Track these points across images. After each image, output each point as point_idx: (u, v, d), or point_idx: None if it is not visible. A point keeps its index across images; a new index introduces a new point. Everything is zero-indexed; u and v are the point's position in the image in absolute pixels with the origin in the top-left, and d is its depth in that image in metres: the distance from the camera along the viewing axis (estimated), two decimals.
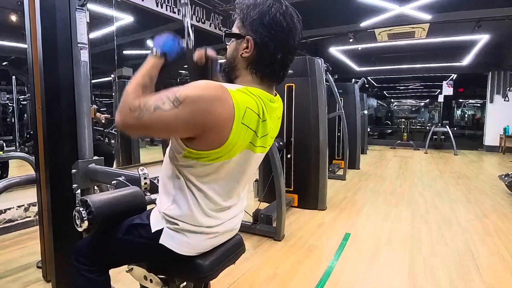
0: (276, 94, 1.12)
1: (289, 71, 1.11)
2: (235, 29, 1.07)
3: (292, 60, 1.08)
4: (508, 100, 9.51)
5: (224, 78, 1.11)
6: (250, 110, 0.96)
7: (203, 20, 5.24)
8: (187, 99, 0.89)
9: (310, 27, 6.83)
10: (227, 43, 1.10)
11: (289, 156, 3.86)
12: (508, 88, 9.50)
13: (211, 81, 0.97)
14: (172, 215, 1.08)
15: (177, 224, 1.08)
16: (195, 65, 1.14)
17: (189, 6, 1.39)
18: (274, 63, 1.03)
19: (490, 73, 9.89)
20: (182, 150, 0.99)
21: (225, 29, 1.12)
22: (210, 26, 5.46)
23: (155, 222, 1.12)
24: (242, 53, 1.03)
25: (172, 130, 0.97)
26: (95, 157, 1.84)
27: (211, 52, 1.15)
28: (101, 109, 4.60)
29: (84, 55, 1.75)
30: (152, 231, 1.12)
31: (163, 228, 1.10)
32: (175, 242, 1.10)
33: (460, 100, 15.77)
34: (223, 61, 1.14)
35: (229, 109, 0.91)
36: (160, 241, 1.10)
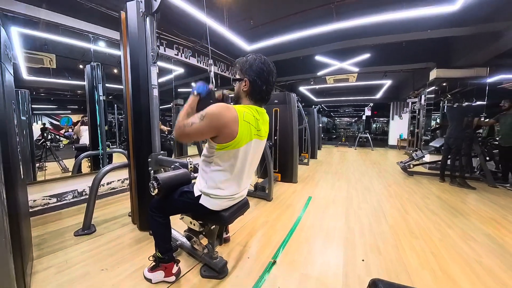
0: (262, 107, 1.12)
1: (275, 100, 1.12)
2: (237, 76, 1.09)
3: (272, 89, 1.08)
4: (402, 119, 9.58)
5: (234, 104, 1.11)
6: (248, 113, 0.98)
7: (225, 71, 5.18)
8: (207, 114, 0.92)
9: (287, 74, 6.81)
10: (233, 84, 1.12)
11: (276, 138, 3.74)
12: (401, 112, 9.57)
13: (222, 103, 0.99)
14: (205, 190, 1.07)
15: (209, 193, 1.08)
16: (216, 100, 1.18)
17: (214, 65, 1.43)
18: (261, 92, 1.04)
19: (391, 102, 9.87)
20: (215, 146, 0.99)
21: (232, 76, 1.14)
22: (229, 74, 5.38)
23: (197, 191, 1.12)
24: (243, 88, 1.05)
25: (202, 134, 0.96)
26: (162, 152, 1.83)
27: (225, 91, 1.19)
28: (170, 123, 4.62)
29: (156, 92, 1.74)
30: (195, 196, 1.11)
31: (201, 194, 1.10)
32: (209, 203, 1.09)
33: (375, 118, 15.68)
34: (232, 95, 1.17)
35: (233, 114, 0.94)
36: (200, 202, 1.09)
